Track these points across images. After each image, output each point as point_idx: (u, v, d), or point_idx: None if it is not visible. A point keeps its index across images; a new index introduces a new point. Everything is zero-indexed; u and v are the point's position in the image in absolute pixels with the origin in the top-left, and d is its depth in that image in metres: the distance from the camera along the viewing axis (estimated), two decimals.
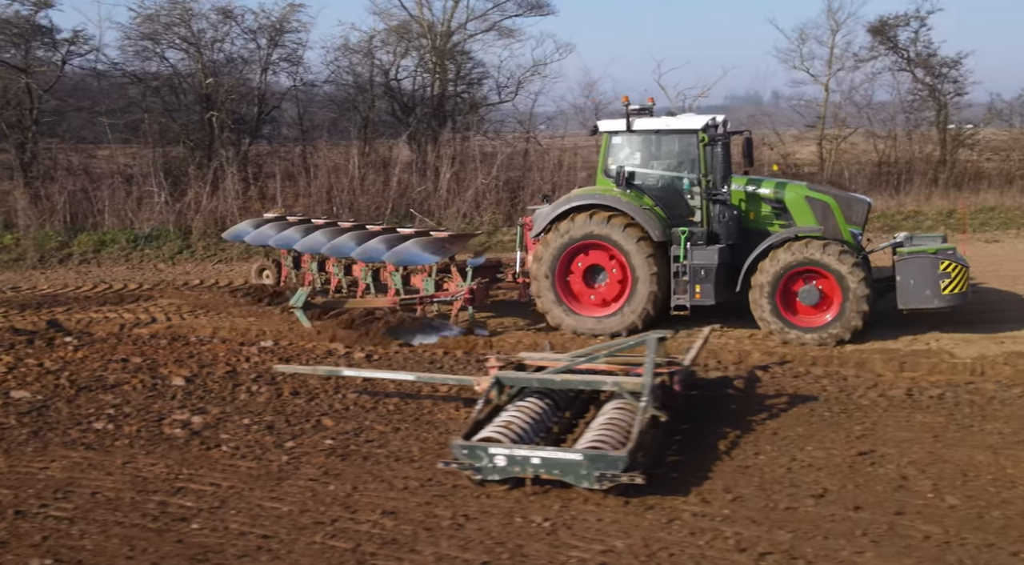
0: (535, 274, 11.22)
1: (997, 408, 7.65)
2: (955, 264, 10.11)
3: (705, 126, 10.96)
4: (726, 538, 5.33)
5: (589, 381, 6.96)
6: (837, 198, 11.08)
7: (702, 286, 10.70)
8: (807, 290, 10.32)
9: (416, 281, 12.13)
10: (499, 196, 21.52)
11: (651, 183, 11.40)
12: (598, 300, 11.13)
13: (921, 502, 5.79)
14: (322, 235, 12.97)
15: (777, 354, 9.93)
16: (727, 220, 10.87)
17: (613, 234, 10.84)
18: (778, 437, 7.12)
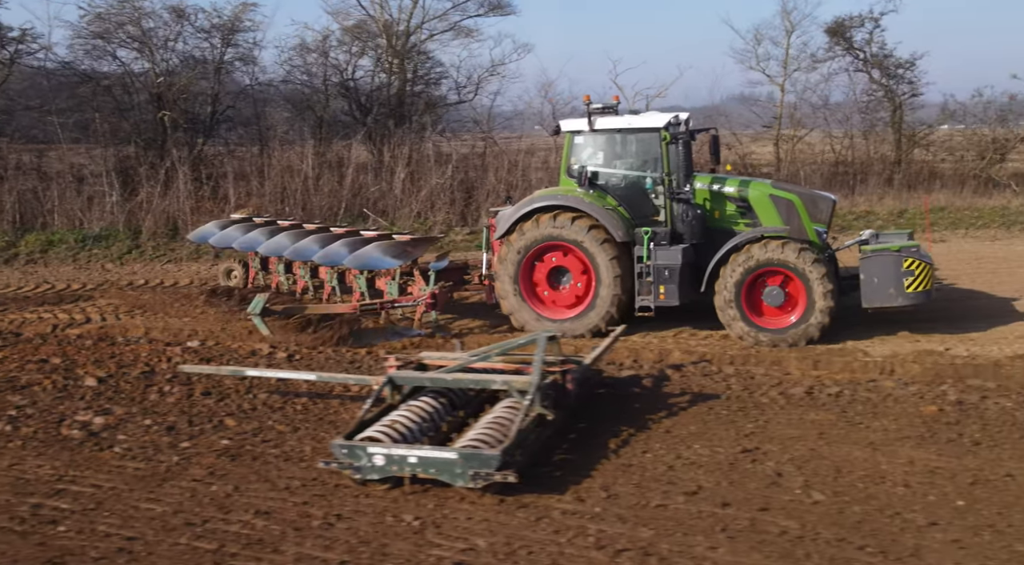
0: (499, 276, 11.15)
1: (890, 406, 7.78)
2: (919, 262, 10.05)
3: (667, 124, 10.88)
4: (588, 536, 5.40)
5: (479, 380, 7.01)
6: (801, 196, 11.01)
7: (666, 287, 10.61)
8: (772, 291, 10.26)
9: (381, 284, 12.03)
10: (453, 196, 21.58)
11: (614, 183, 11.32)
12: (563, 302, 11.04)
13: (788, 498, 5.89)
14: (286, 238, 12.92)
15: (697, 353, 10.02)
16: (691, 219, 10.80)
17: (576, 235, 10.75)
18: (670, 435, 7.21)
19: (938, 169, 24.90)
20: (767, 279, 10.35)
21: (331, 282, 12.54)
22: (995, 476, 6.14)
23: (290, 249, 12.51)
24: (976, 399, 7.82)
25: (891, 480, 6.13)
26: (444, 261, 12.21)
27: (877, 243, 10.76)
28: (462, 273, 12.75)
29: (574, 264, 10.92)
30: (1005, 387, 8.17)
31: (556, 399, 7.16)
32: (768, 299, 10.30)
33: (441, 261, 12.17)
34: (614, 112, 11.44)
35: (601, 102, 11.58)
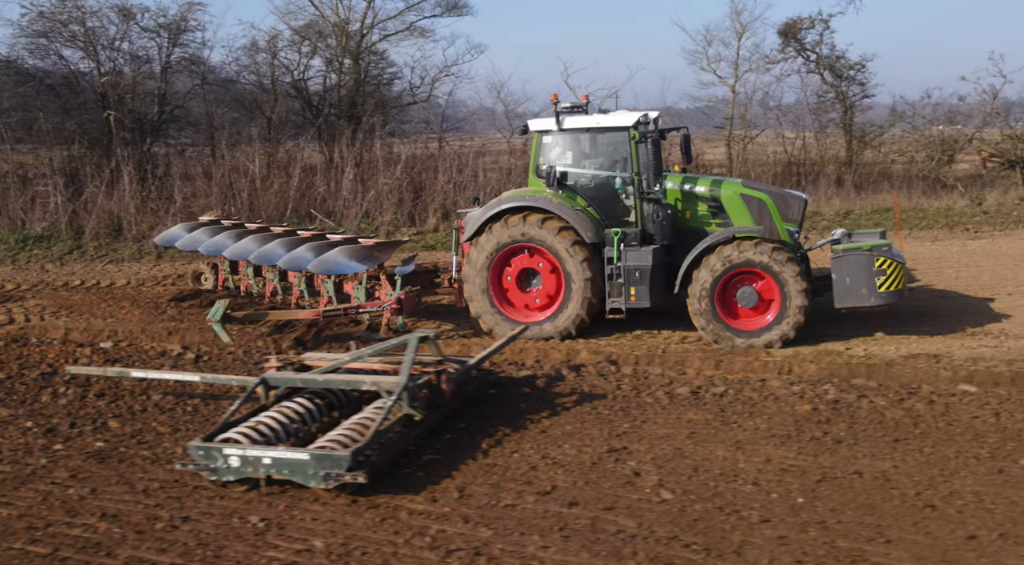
0: (467, 279, 10.98)
1: (768, 405, 7.88)
2: (890, 261, 9.94)
3: (636, 123, 10.72)
4: (426, 536, 5.45)
5: (349, 381, 7.04)
6: (772, 195, 10.89)
7: (637, 288, 10.46)
8: (746, 292, 10.14)
9: (348, 288, 11.87)
10: (401, 196, 21.59)
11: (583, 183, 11.17)
12: (533, 304, 10.89)
13: (636, 497, 5.96)
14: (252, 242, 12.78)
15: (603, 353, 10.09)
16: (661, 220, 10.66)
17: (545, 237, 10.59)
18: (545, 435, 7.27)
19: (888, 170, 25.22)
20: (740, 280, 10.22)
21: (299, 286, 12.44)
22: (843, 474, 6.23)
23: (255, 253, 12.37)
24: (853, 398, 7.94)
25: (743, 478, 6.22)
26: (410, 265, 12.04)
27: (849, 242, 10.60)
28: (432, 276, 12.59)
29: (543, 266, 10.79)
30: (886, 386, 8.29)
31: (430, 400, 7.21)
32: (742, 301, 10.18)
33: (407, 265, 11.99)
34: (583, 111, 11.31)
35: (569, 101, 11.42)
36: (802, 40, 24.16)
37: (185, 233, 14.30)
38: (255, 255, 12.36)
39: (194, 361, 10.16)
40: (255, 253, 12.37)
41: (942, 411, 7.52)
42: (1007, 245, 17.65)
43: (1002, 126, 23.91)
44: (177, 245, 14.27)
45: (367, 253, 11.39)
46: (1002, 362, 8.92)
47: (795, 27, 23.78)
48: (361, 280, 11.57)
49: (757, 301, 10.15)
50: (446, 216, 21.31)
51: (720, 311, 10.18)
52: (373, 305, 11.06)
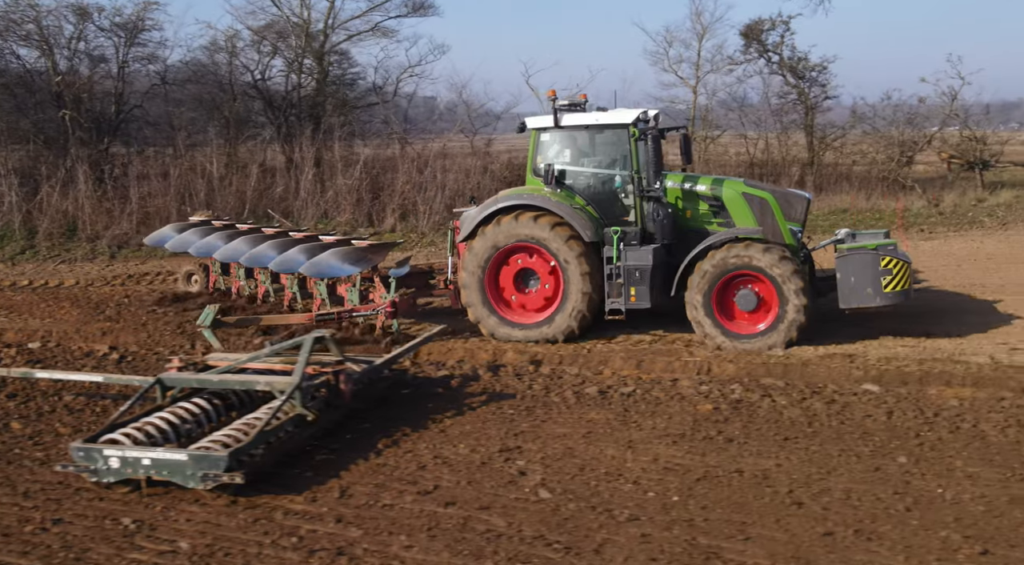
0: (463, 281, 10.72)
1: (672, 404, 7.93)
2: (896, 260, 9.76)
3: (636, 120, 10.53)
4: (295, 537, 5.45)
5: (243, 381, 7.04)
6: (775, 194, 10.65)
7: (637, 288, 10.21)
8: (744, 294, 9.90)
9: (342, 290, 11.62)
10: (360, 196, 21.57)
11: (582, 181, 10.95)
12: (531, 305, 10.65)
13: (514, 497, 5.99)
14: (243, 243, 12.54)
15: (529, 353, 10.13)
16: (662, 219, 10.42)
17: (543, 236, 10.35)
18: (443, 435, 7.29)
19: (849, 171, 25.39)
20: (738, 283, 9.98)
21: (291, 288, 12.21)
22: (725, 472, 6.28)
23: (246, 255, 12.13)
24: (757, 397, 8.00)
25: (625, 477, 6.26)
26: (405, 267, 11.69)
27: (853, 242, 10.37)
28: (427, 278, 12.33)
29: (542, 266, 10.55)
30: (793, 386, 8.36)
31: (328, 400, 7.22)
32: (740, 303, 9.94)
33: (402, 267, 11.65)
34: (581, 108, 11.12)
35: (568, 98, 11.18)
36: (764, 41, 24.31)
37: (175, 234, 13.99)
38: (246, 257, 12.13)
39: (117, 361, 10.13)
40: (246, 255, 12.14)
41: (838, 410, 7.60)
42: (957, 246, 17.81)
43: (961, 128, 24.12)
44: (167, 246, 13.98)
45: (360, 255, 11.19)
46: (914, 362, 9.01)
47: (757, 28, 23.92)
48: (355, 282, 11.34)
49: (756, 304, 9.91)
50: (404, 216, 21.33)
51: (718, 314, 9.95)
52: (367, 308, 10.83)
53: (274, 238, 12.53)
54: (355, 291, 11.26)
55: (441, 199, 21.22)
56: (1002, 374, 8.40)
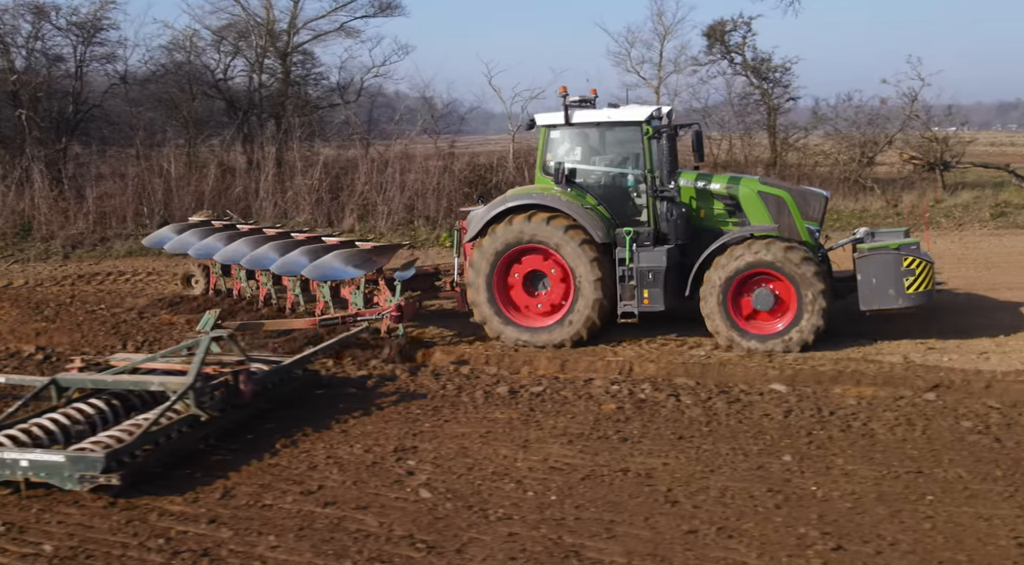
0: (470, 282, 10.39)
1: (578, 404, 7.96)
2: (919, 260, 9.48)
3: (649, 117, 10.22)
4: (161, 538, 5.44)
5: (138, 382, 7.03)
6: (792, 193, 10.38)
7: (650, 291, 9.89)
8: (761, 294, 9.57)
9: (346, 293, 11.24)
10: (320, 197, 21.54)
11: (593, 180, 10.62)
12: (540, 308, 10.30)
13: (395, 497, 6.00)
14: (244, 244, 12.22)
15: (456, 353, 10.12)
16: (675, 219, 10.08)
17: (553, 237, 10.02)
18: (344, 435, 7.29)
19: (811, 172, 25.53)
20: (755, 282, 9.66)
21: (294, 291, 11.90)
22: (610, 471, 6.32)
23: (248, 257, 11.83)
24: (663, 397, 8.04)
25: (511, 477, 6.28)
26: (411, 270, 11.35)
27: (872, 241, 10.10)
28: (433, 279, 12.04)
29: (552, 268, 10.21)
30: (703, 385, 8.42)
31: (227, 400, 7.22)
32: (757, 303, 9.62)
33: (407, 270, 11.31)
34: (591, 105, 10.82)
35: (579, 95, 10.82)
36: (727, 42, 24.43)
37: (174, 235, 13.65)
38: (247, 259, 11.84)
39: (41, 362, 10.08)
40: (247, 257, 11.85)
41: (739, 409, 7.65)
42: None
43: (922, 129, 24.30)
44: (166, 248, 13.64)
45: (364, 257, 10.92)
46: (830, 361, 9.08)
47: (719, 29, 24.04)
48: (359, 285, 11.00)
49: (773, 303, 9.59)
50: (363, 217, 21.31)
51: (733, 314, 9.63)
52: (372, 312, 10.46)
53: (276, 239, 12.26)
54: (359, 294, 10.96)
55: (400, 200, 21.22)
56: (911, 374, 8.49)
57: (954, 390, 8.14)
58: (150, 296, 13.98)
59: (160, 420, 6.48)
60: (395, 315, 10.23)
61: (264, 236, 12.63)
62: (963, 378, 8.30)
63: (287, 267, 11.18)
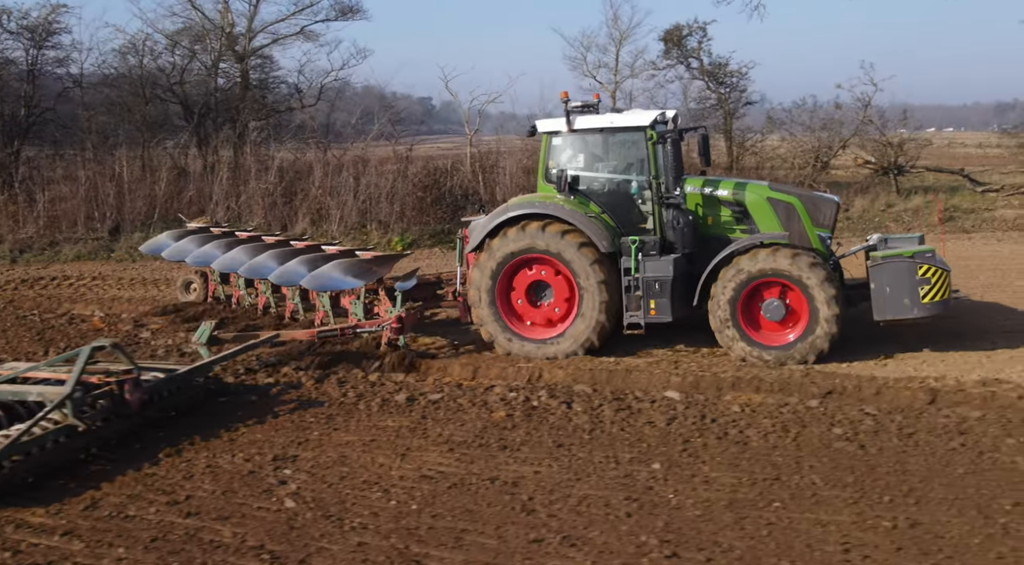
0: (473, 295, 10.23)
1: (470, 411, 8.01)
2: (935, 269, 9.24)
3: (653, 122, 10.00)
4: (8, 551, 5.45)
5: (16, 392, 7.04)
6: (802, 199, 10.17)
7: (657, 301, 9.64)
8: (771, 304, 9.36)
9: (345, 302, 11.12)
10: (274, 200, 21.53)
11: (597, 188, 10.42)
12: (544, 320, 10.12)
13: (258, 506, 6.04)
14: (242, 252, 12.13)
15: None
16: (682, 226, 9.87)
17: (556, 246, 9.85)
18: (231, 444, 7.32)
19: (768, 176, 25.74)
20: (764, 291, 9.44)
21: (293, 299, 11.78)
22: (479, 480, 6.38)
23: (246, 266, 11.76)
24: (556, 404, 8.12)
25: (380, 486, 6.33)
26: (412, 280, 11.09)
27: (886, 248, 9.88)
28: (435, 289, 11.91)
29: (555, 278, 10.03)
30: (599, 392, 8.49)
31: (113, 409, 7.23)
32: (767, 313, 9.41)
33: (409, 280, 11.06)
34: (594, 110, 10.58)
35: (581, 100, 10.60)
36: (684, 47, 24.61)
37: (172, 242, 13.51)
38: (245, 268, 11.77)
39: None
40: (246, 266, 11.78)
41: (624, 417, 7.73)
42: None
43: (875, 133, 24.53)
44: (164, 255, 13.48)
45: (364, 267, 10.81)
46: (732, 367, 9.19)
47: (676, 34, 24.22)
48: (359, 295, 10.86)
49: (785, 313, 9.37)
50: (315, 221, 21.31)
51: (744, 324, 9.39)
52: (371, 324, 10.31)
53: (275, 247, 12.20)
54: (359, 304, 10.82)
55: (354, 204, 21.25)
56: (808, 380, 8.59)
57: (845, 396, 8.27)
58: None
59: (33, 430, 6.50)
60: (395, 327, 10.08)
61: (263, 244, 12.56)
62: (856, 384, 8.42)
63: (286, 277, 11.09)
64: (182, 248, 13.14)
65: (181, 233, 13.90)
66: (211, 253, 12.59)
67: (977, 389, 8.15)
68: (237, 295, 12.84)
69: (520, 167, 22.81)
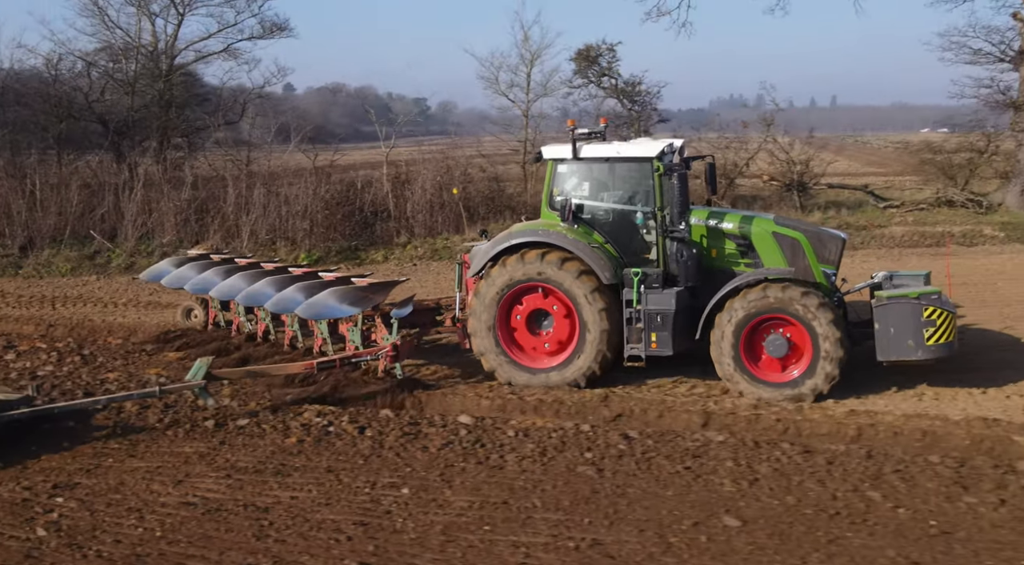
0: (472, 324, 10.22)
1: (269, 437, 8.40)
2: (941, 310, 9.20)
3: (661, 153, 10.02)
4: None
5: None
6: (808, 234, 10.14)
7: (658, 334, 9.64)
8: (774, 340, 9.35)
9: (343, 329, 11.16)
10: (187, 216, 21.84)
11: (601, 217, 10.38)
12: (544, 348, 10.10)
13: (11, 534, 6.36)
14: (241, 279, 12.23)
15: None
16: (686, 259, 9.83)
17: (557, 276, 9.83)
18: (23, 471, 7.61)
19: None
20: (768, 327, 9.40)
21: (292, 326, 11.76)
22: (236, 506, 6.78)
23: (243, 293, 11.88)
24: (352, 430, 8.51)
25: (142, 511, 6.72)
26: (408, 306, 11.02)
27: (891, 286, 9.93)
28: (433, 314, 11.88)
29: (556, 307, 10.01)
30: (401, 418, 8.90)
31: None
32: (770, 349, 9.37)
33: (404, 306, 10.99)
34: (601, 138, 10.59)
35: (588, 127, 10.69)
36: (598, 65, 25.29)
37: (172, 268, 13.64)
38: (243, 295, 11.87)
39: None
40: (243, 293, 11.88)
41: (406, 442, 8.19)
42: None
43: (778, 151, 25.34)
44: (163, 282, 13.57)
45: (360, 295, 10.80)
46: (542, 391, 9.70)
47: (587, 54, 24.90)
48: (356, 322, 10.85)
49: (787, 350, 9.34)
50: (226, 237, 21.60)
51: (746, 360, 9.38)
52: (368, 353, 10.36)
53: (273, 274, 12.28)
54: (357, 331, 10.80)
55: (264, 221, 21.60)
56: (603, 405, 9.13)
57: (632, 419, 8.85)
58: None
59: None
60: (391, 355, 10.15)
61: (262, 271, 12.69)
62: (642, 407, 9.00)
63: (282, 305, 11.20)
64: (182, 275, 13.27)
65: (181, 260, 14.08)
66: (210, 280, 12.73)
67: (746, 412, 8.77)
68: (237, 322, 12.82)
69: (433, 183, 23.31)
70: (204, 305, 13.58)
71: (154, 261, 20.35)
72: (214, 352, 11.11)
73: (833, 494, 6.90)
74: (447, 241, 21.69)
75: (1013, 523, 6.39)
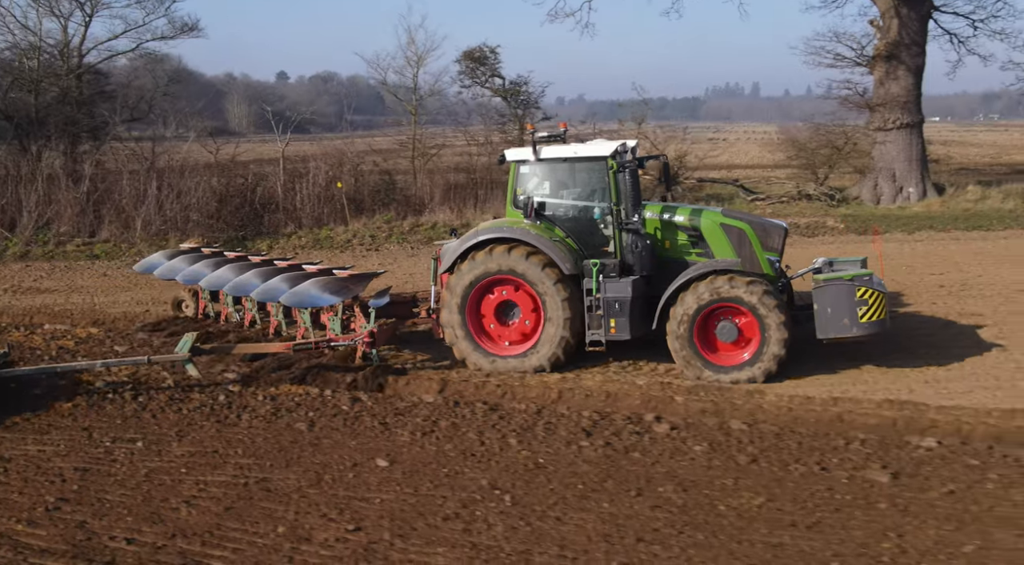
0: (445, 316, 11.14)
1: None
2: (872, 290, 10.05)
3: (614, 153, 10.87)
4: None
5: None
6: (753, 225, 11.10)
7: (617, 320, 10.51)
8: (725, 327, 10.26)
9: (324, 319, 12.07)
10: (83, 209, 23.12)
11: (562, 214, 11.31)
12: (511, 337, 11.04)
13: None
14: (229, 271, 13.18)
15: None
16: (641, 250, 10.76)
17: (522, 268, 10.76)
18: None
19: None
20: (719, 314, 10.31)
21: (277, 316, 12.79)
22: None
23: (231, 283, 12.79)
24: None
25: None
26: (384, 297, 11.93)
27: (830, 271, 10.79)
28: (410, 306, 12.90)
29: (522, 298, 10.96)
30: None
31: None
32: (721, 335, 10.29)
33: (381, 297, 11.87)
34: (560, 140, 11.55)
35: (547, 130, 11.78)
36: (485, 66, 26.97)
37: (164, 261, 14.58)
38: (230, 286, 12.78)
39: None
40: (230, 283, 12.80)
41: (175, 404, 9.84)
42: None
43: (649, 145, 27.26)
44: (155, 274, 14.46)
45: (341, 285, 11.73)
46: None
47: (472, 55, 26.59)
48: (337, 311, 11.78)
49: (737, 336, 10.25)
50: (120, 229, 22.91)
51: (700, 346, 10.29)
52: (345, 338, 11.28)
53: (259, 266, 13.24)
54: (337, 320, 11.76)
55: (157, 212, 22.98)
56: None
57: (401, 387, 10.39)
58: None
59: None
60: (367, 341, 11.13)
61: (249, 263, 13.71)
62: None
63: (267, 294, 12.16)
64: (173, 267, 14.30)
65: (173, 253, 15.17)
66: (200, 271, 13.73)
67: (477, 379, 10.37)
68: (225, 312, 13.90)
69: (325, 177, 24.80)
70: (194, 296, 14.56)
71: (48, 250, 21.92)
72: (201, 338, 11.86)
73: (482, 441, 8.67)
74: (331, 231, 23.29)
75: (603, 462, 8.16)
